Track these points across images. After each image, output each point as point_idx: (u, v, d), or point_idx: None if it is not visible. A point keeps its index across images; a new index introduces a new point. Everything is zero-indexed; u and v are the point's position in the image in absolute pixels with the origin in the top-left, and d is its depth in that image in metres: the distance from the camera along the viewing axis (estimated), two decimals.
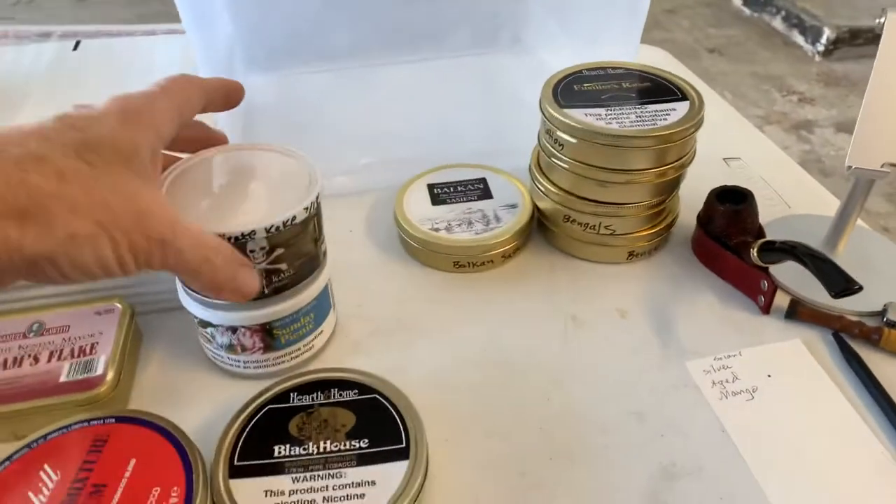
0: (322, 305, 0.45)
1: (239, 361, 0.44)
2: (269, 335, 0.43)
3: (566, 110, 0.49)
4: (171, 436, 0.36)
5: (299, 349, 0.45)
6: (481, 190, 0.58)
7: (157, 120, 0.31)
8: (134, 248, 0.27)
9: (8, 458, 0.35)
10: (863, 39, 2.56)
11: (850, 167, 0.45)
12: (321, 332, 0.46)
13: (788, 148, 2.08)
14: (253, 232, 0.36)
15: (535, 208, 0.55)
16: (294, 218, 0.38)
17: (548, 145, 0.51)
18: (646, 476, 0.39)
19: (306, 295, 0.43)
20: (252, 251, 0.37)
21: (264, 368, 0.45)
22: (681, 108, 0.49)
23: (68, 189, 0.26)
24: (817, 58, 2.62)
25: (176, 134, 0.34)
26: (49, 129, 0.27)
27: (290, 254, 0.40)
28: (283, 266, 0.40)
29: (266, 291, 0.40)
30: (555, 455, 0.41)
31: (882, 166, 0.44)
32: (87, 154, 0.27)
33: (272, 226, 0.37)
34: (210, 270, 0.32)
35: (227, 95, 0.40)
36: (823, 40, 2.59)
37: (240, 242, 0.36)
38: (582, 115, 0.48)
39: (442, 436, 0.41)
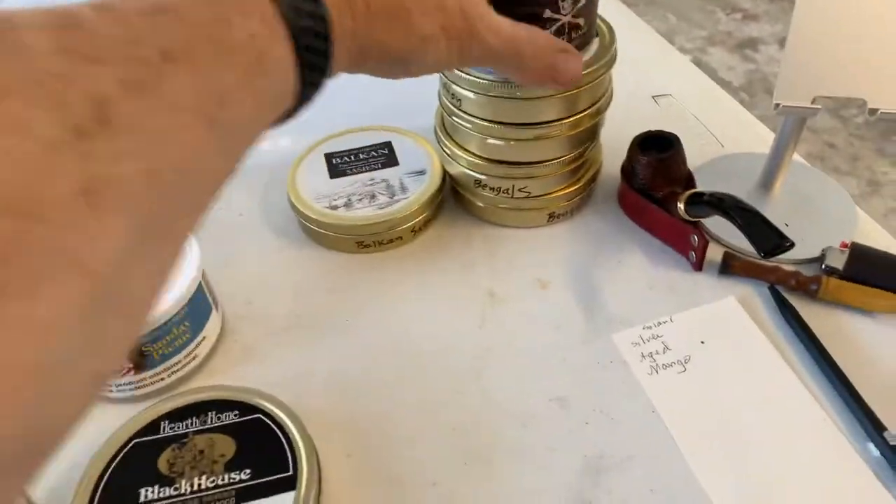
0: (198, 308, 0.39)
1: (110, 386, 0.38)
2: (138, 355, 0.37)
3: None
4: None
5: (178, 363, 0.39)
6: (386, 156, 0.52)
7: None
8: (461, 46, 0.29)
9: None
10: None
11: (778, 105, 0.40)
12: (203, 338, 0.40)
13: (733, 69, 2.03)
14: None
15: (445, 173, 0.50)
16: None
17: (447, 102, 0.45)
18: (570, 473, 0.35)
19: (169, 306, 0.37)
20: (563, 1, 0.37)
21: (141, 389, 0.39)
22: (588, 46, 0.43)
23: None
24: None
25: None
26: None
27: (588, 9, 0.39)
28: (581, 21, 0.39)
29: None
30: (470, 459, 0.36)
31: (813, 101, 0.39)
32: None
33: None
34: (521, 61, 0.33)
35: None
36: None
37: None
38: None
39: (344, 450, 0.37)
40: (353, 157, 0.52)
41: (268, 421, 0.35)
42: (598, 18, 0.45)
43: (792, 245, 0.36)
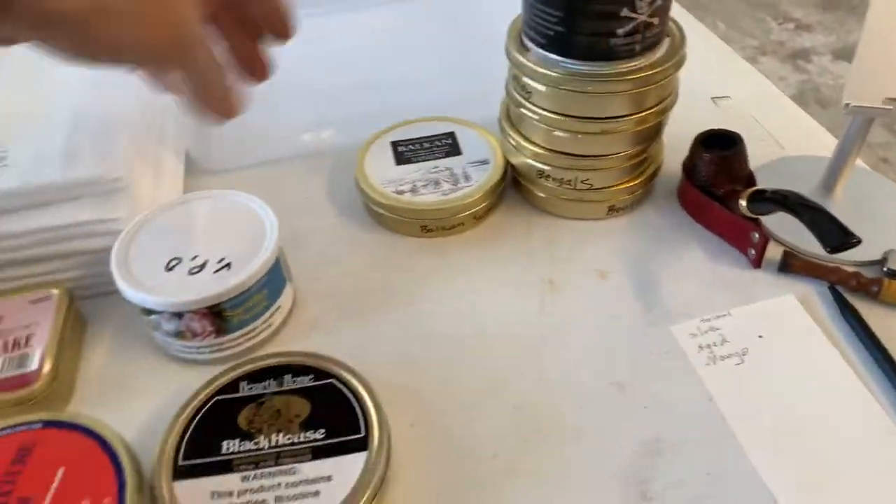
0: (275, 280, 0.42)
1: (191, 348, 0.41)
2: (219, 318, 0.40)
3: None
4: (103, 441, 0.32)
5: (256, 329, 0.42)
6: (450, 146, 0.53)
7: None
8: (155, 41, 0.27)
9: None
10: None
11: (847, 105, 0.40)
12: (278, 307, 0.43)
13: (785, 79, 2.00)
14: None
15: (508, 164, 0.51)
16: None
17: (515, 94, 0.47)
18: (627, 454, 0.37)
19: (253, 272, 0.39)
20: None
21: (220, 353, 0.41)
22: (660, 45, 0.44)
23: None
24: None
25: None
26: None
27: (663, 9, 0.41)
28: (656, 21, 0.40)
29: (637, 48, 0.41)
30: (530, 435, 0.38)
31: (883, 102, 0.40)
32: None
33: None
34: (216, 78, 0.31)
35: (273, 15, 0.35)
36: None
37: None
38: (550, 59, 0.43)
39: (407, 420, 0.38)
40: (418, 146, 0.53)
41: (340, 386, 0.37)
42: (670, 20, 0.46)
43: (859, 241, 0.36)
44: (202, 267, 0.40)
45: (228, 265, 0.39)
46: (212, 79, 0.31)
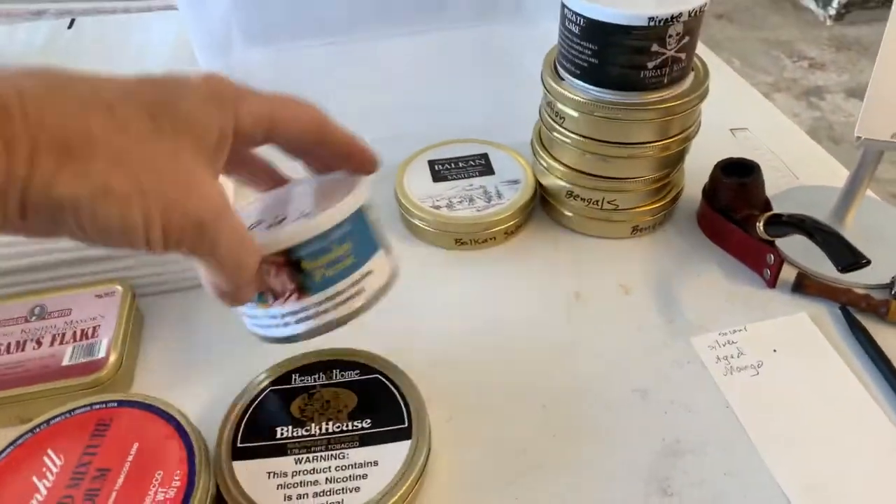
0: (361, 236, 0.35)
1: (275, 319, 0.35)
2: (298, 271, 0.33)
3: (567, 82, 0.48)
4: (172, 419, 0.36)
5: (342, 293, 0.34)
6: (483, 166, 0.57)
7: (242, 110, 0.28)
8: (168, 223, 0.24)
9: (12, 443, 0.35)
10: (875, 2, 2.49)
11: (859, 138, 0.43)
12: (369, 272, 0.35)
13: (798, 115, 2.04)
14: (680, 14, 0.42)
15: (538, 184, 0.55)
16: (705, 4, 0.44)
17: (549, 119, 0.50)
18: (649, 453, 0.39)
19: (330, 214, 0.33)
20: (670, 36, 0.43)
21: (305, 322, 0.34)
22: (685, 78, 0.48)
23: (122, 140, 0.23)
24: (828, 21, 2.56)
25: (258, 138, 0.30)
26: (133, 84, 0.25)
27: (690, 45, 0.45)
28: (683, 56, 0.44)
29: (665, 81, 0.46)
30: (557, 433, 0.41)
31: (893, 136, 0.43)
32: (160, 117, 0.25)
33: (693, 10, 0.43)
34: (238, 273, 0.29)
35: (352, 155, 0.34)
36: (835, 3, 2.53)
37: (667, 24, 0.43)
38: (584, 88, 0.47)
39: (444, 415, 0.41)
40: (453, 165, 0.57)
41: (384, 380, 0.40)
42: (695, 56, 0.49)
43: (868, 262, 0.39)
44: (282, 221, 0.35)
45: (308, 214, 0.34)
46: (234, 265, 0.28)
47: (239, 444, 0.37)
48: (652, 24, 0.42)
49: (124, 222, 0.23)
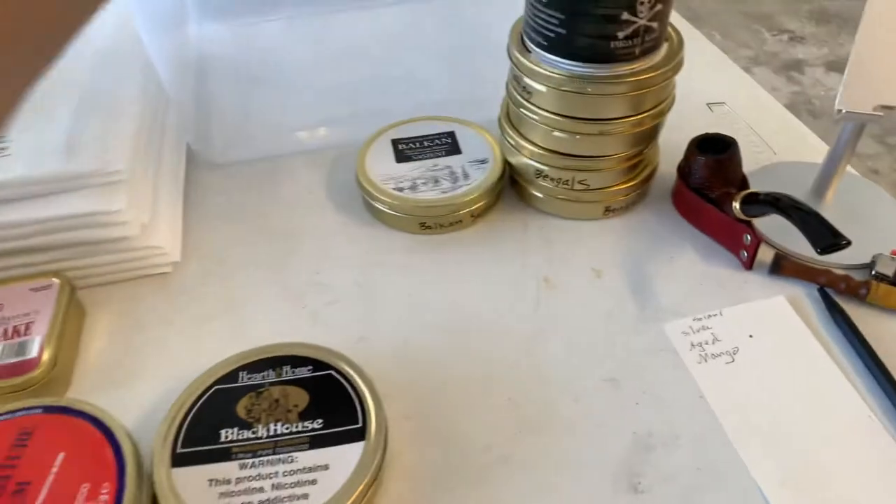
0: None
1: None
2: None
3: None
4: (102, 426, 0.33)
5: None
6: (449, 145, 0.54)
7: None
8: None
9: None
10: None
11: (839, 111, 0.41)
12: None
13: (778, 90, 2.03)
14: None
15: (507, 164, 0.52)
16: None
17: (516, 94, 0.47)
18: (620, 447, 0.37)
19: None
20: (641, 3, 0.39)
21: None
22: (658, 49, 0.45)
23: None
24: None
25: None
26: None
27: (663, 14, 0.41)
28: (655, 25, 0.41)
29: (636, 52, 0.42)
30: (523, 427, 0.38)
31: (874, 109, 0.41)
32: None
33: None
34: None
35: None
36: None
37: None
38: (551, 61, 0.44)
39: (404, 412, 0.39)
40: (418, 144, 0.54)
41: (338, 377, 0.37)
42: (669, 25, 0.46)
43: (848, 243, 0.37)
44: None
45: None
46: None
47: (179, 450, 0.34)
48: None
49: None
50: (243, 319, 0.44)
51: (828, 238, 0.38)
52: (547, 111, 0.45)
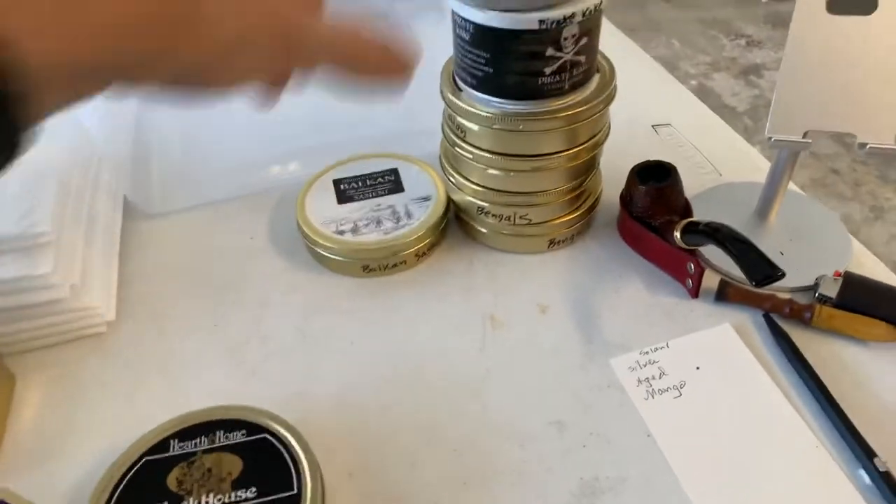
0: None
1: None
2: None
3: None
4: None
5: None
6: (392, 182, 0.53)
7: None
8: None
9: None
10: None
11: (770, 139, 0.41)
12: None
13: (737, 94, 2.05)
14: (573, 15, 0.38)
15: (450, 200, 0.51)
16: (600, 3, 0.39)
17: (451, 133, 0.47)
18: (566, 494, 0.36)
19: None
20: (565, 38, 0.39)
21: None
22: (589, 81, 0.44)
23: None
24: None
25: None
26: None
27: (590, 46, 0.41)
28: (583, 59, 0.41)
29: (566, 87, 0.41)
30: (469, 479, 0.37)
31: (805, 136, 0.41)
32: None
33: (587, 9, 0.39)
34: (353, 40, 0.28)
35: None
36: None
37: (560, 27, 0.38)
38: (481, 99, 0.44)
39: (346, 469, 0.38)
40: (360, 183, 0.53)
41: (273, 441, 0.36)
42: (599, 55, 0.46)
43: (782, 275, 0.37)
44: None
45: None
46: (347, 40, 0.27)
47: None
48: (544, 27, 0.38)
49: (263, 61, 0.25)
50: (179, 380, 0.43)
51: (763, 270, 0.37)
52: (481, 149, 0.45)
